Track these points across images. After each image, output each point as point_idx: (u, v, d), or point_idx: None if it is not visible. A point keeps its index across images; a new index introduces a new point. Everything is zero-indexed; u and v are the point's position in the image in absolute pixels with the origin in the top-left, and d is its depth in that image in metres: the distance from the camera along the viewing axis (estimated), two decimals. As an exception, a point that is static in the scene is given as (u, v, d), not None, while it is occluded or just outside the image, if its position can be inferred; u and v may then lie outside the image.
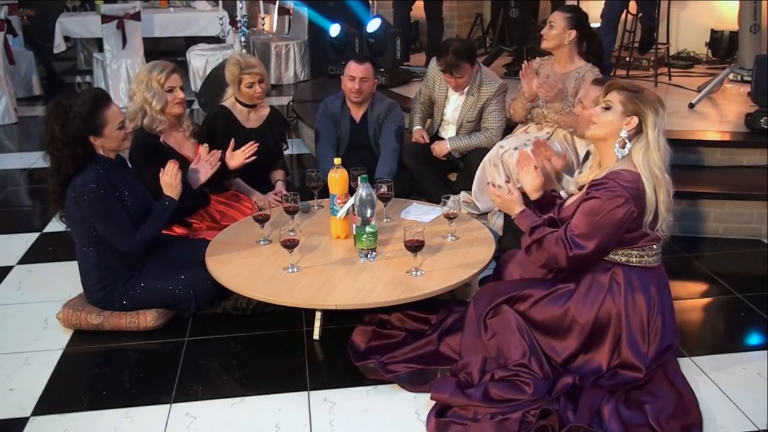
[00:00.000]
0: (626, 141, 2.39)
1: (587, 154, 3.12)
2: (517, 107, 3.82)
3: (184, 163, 3.39)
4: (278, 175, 3.89)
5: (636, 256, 2.45)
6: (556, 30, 3.66)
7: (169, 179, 3.01)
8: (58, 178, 2.78)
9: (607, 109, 2.43)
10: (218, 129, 3.69)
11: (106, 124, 2.75)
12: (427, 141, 4.07)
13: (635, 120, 2.38)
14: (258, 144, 3.48)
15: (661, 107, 2.39)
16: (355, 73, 3.81)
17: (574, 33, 3.67)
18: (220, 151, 3.32)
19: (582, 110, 3.05)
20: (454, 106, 4.04)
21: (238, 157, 3.43)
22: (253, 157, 3.45)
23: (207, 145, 3.33)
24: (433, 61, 4.15)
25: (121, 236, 2.84)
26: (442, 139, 4.11)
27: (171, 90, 3.28)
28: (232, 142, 3.45)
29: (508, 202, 2.61)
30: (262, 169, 3.84)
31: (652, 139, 2.36)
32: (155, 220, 2.94)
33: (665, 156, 2.38)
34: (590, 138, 2.55)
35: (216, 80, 5.86)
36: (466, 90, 3.96)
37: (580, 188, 2.54)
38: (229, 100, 3.82)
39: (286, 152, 4.12)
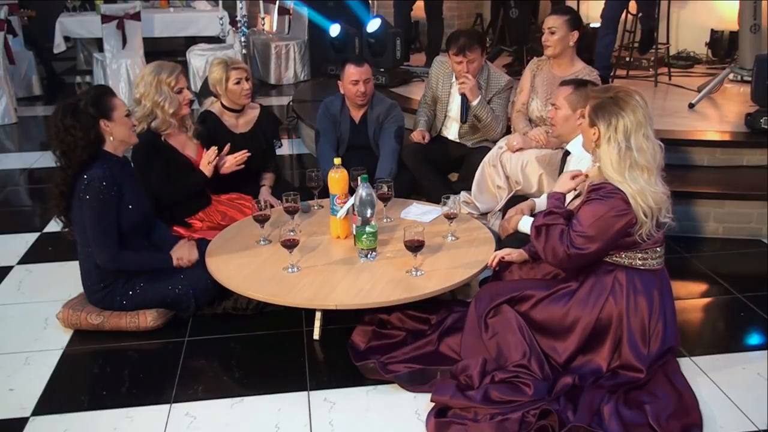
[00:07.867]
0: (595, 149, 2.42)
1: (565, 153, 3.12)
2: (518, 125, 3.82)
3: (186, 165, 3.38)
4: (265, 180, 3.78)
5: (640, 259, 2.44)
6: (558, 34, 3.62)
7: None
8: (72, 170, 2.75)
9: (582, 117, 2.46)
10: (206, 130, 3.61)
11: (114, 108, 2.80)
12: (427, 140, 4.06)
13: (595, 131, 2.38)
14: (250, 154, 3.48)
15: (623, 116, 2.31)
16: (358, 76, 3.75)
17: (576, 34, 3.66)
18: (246, 152, 3.43)
19: (554, 112, 3.06)
20: (460, 102, 3.99)
21: (230, 162, 3.43)
22: (242, 166, 3.47)
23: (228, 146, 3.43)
24: (436, 59, 4.16)
25: (105, 245, 2.79)
26: (445, 137, 4.11)
27: (180, 91, 3.31)
28: (227, 147, 3.43)
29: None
30: (255, 174, 3.75)
31: (603, 152, 2.35)
32: (150, 254, 2.98)
33: (623, 166, 2.32)
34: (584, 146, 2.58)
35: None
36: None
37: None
38: (215, 106, 3.72)
39: (287, 152, 4.08)
